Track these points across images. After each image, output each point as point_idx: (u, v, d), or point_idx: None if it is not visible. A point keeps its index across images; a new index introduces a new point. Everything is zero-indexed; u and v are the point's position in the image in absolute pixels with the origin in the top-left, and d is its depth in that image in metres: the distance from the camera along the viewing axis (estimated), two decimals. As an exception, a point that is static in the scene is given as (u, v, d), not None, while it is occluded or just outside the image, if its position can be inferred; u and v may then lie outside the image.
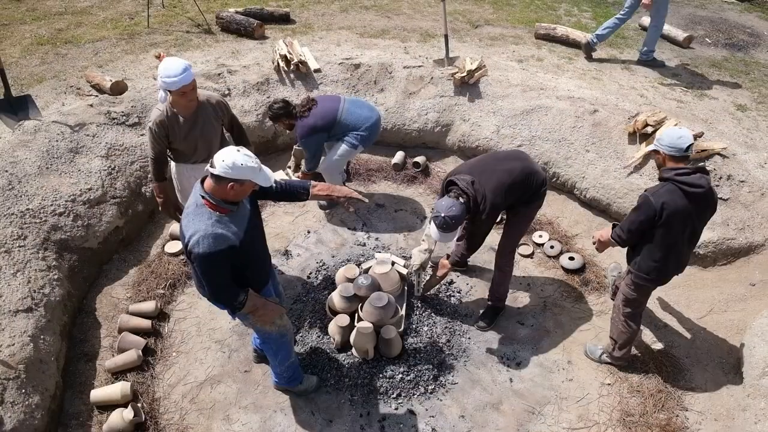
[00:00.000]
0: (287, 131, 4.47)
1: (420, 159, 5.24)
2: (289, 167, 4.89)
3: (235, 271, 2.56)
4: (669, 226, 2.90)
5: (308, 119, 4.22)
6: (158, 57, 5.76)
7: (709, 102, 5.77)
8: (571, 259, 4.31)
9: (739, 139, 5.05)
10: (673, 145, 2.86)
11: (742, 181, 4.29)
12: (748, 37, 7.58)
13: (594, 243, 3.37)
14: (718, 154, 4.42)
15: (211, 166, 2.39)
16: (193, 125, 3.36)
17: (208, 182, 2.45)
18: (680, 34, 7.08)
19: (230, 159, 2.36)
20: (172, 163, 3.66)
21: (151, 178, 3.62)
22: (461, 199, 3.18)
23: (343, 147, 4.36)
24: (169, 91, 3.16)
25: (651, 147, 3.03)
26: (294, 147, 4.84)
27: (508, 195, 3.26)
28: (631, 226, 3.01)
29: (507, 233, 3.65)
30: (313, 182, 2.94)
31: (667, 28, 7.27)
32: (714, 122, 5.34)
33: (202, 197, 2.45)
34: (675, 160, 2.89)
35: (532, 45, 6.88)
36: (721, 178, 4.31)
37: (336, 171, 4.53)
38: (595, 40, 6.47)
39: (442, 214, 3.08)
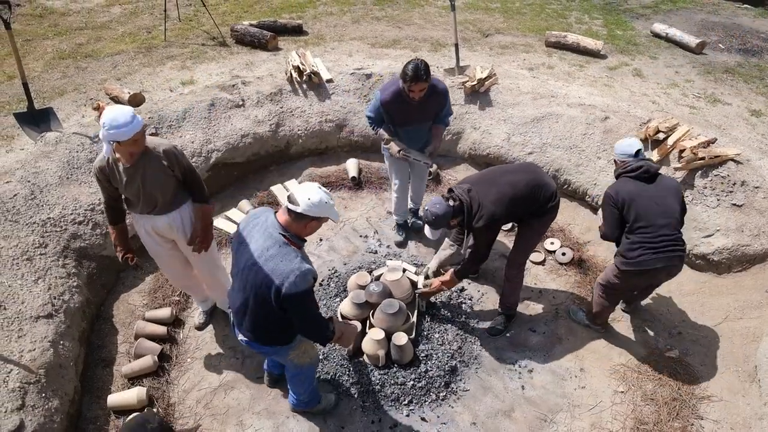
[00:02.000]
0: (415, 98, 3.67)
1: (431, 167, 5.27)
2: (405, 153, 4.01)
3: None
4: (631, 207, 3.28)
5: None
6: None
7: (723, 108, 5.73)
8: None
9: (754, 144, 5.00)
10: (623, 152, 3.41)
11: (756, 187, 4.24)
12: (762, 42, 7.52)
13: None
14: (732, 160, 4.39)
15: (292, 203, 2.38)
16: (134, 174, 2.93)
17: (286, 219, 2.43)
18: (693, 41, 7.06)
19: (316, 197, 2.37)
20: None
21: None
22: (450, 202, 3.33)
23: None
24: (117, 142, 2.76)
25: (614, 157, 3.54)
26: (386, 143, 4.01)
27: (511, 207, 3.29)
28: (607, 222, 3.41)
29: (517, 245, 3.66)
30: None
31: (680, 35, 7.24)
32: (728, 128, 5.29)
33: (283, 236, 2.42)
34: (623, 162, 3.42)
35: (543, 53, 6.90)
36: (735, 184, 4.27)
37: None
38: None
39: (427, 207, 3.34)
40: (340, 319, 3.76)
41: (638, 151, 3.38)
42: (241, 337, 2.78)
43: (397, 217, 4.64)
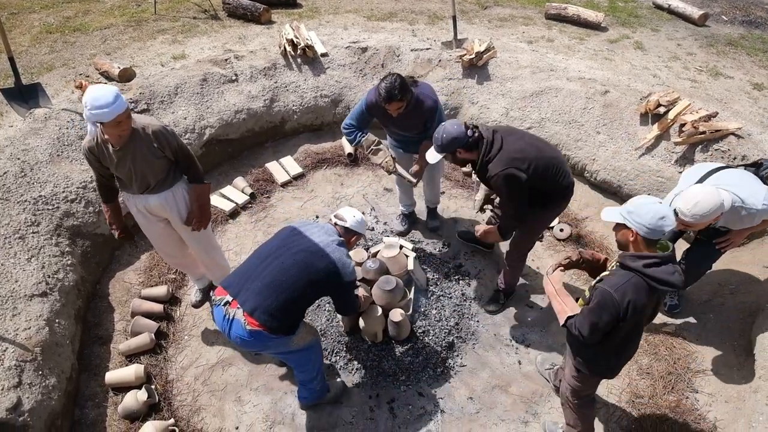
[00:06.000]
0: (394, 113, 3.44)
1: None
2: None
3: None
4: (630, 324, 2.36)
5: (423, 87, 3.58)
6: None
7: (725, 81, 5.63)
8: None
9: (755, 119, 4.93)
10: (654, 227, 2.19)
11: (757, 162, 4.20)
12: (766, 13, 7.37)
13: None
14: (733, 134, 4.33)
15: (340, 219, 2.96)
16: (124, 156, 2.89)
17: (338, 231, 2.95)
18: (695, 12, 6.90)
19: (359, 216, 3.00)
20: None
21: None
22: (468, 130, 3.04)
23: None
24: (100, 123, 2.73)
25: (618, 219, 2.31)
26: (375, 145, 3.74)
27: (531, 167, 3.01)
28: (595, 326, 2.33)
29: (519, 233, 3.52)
30: None
31: (682, 6, 7.09)
32: (729, 102, 5.22)
33: (341, 239, 2.92)
34: (647, 244, 2.26)
35: (543, 25, 6.75)
36: (735, 158, 4.23)
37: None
38: None
39: (443, 124, 3.12)
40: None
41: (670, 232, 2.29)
42: (240, 331, 2.61)
43: (403, 208, 4.47)
